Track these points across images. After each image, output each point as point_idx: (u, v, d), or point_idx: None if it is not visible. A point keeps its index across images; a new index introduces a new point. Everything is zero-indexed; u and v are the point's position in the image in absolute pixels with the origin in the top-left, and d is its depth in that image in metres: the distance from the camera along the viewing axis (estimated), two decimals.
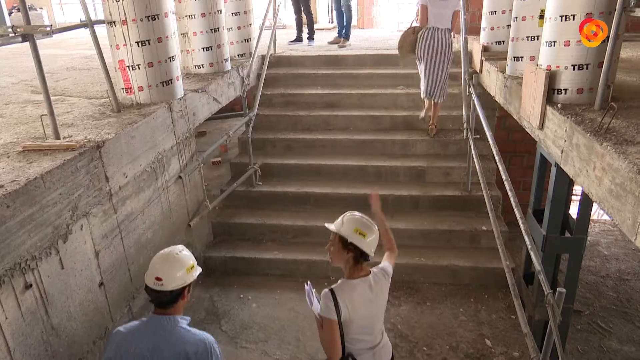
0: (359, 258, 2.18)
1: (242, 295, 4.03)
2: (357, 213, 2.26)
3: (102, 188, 2.70)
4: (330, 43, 6.76)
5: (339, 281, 2.23)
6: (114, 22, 3.24)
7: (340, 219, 2.23)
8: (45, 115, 2.67)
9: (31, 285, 2.20)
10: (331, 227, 2.23)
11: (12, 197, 2.05)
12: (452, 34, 4.37)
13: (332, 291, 2.15)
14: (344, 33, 6.66)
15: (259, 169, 4.77)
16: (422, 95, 4.64)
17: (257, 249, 4.32)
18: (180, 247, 2.10)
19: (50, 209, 2.28)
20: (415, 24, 4.51)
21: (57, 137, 2.68)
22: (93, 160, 2.60)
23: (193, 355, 1.90)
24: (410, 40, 4.33)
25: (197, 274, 2.06)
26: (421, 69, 4.50)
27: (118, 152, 2.83)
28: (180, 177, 3.73)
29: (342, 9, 6.62)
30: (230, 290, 4.10)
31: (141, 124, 3.09)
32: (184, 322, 1.99)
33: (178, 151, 3.67)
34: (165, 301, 1.96)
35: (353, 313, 2.15)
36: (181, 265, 1.99)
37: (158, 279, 1.94)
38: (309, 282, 2.29)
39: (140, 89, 3.41)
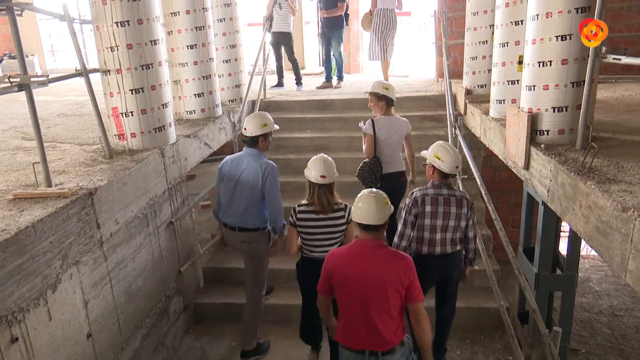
0: (388, 104, 3.93)
1: (233, 344, 3.92)
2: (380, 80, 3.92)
3: (93, 235, 2.67)
4: (318, 88, 6.96)
5: (378, 115, 3.96)
6: (109, 70, 3.32)
7: (372, 86, 3.99)
8: (38, 162, 2.67)
9: (17, 339, 2.12)
10: (368, 90, 4.04)
11: (2, 246, 2.02)
12: (395, 11, 6.38)
13: (372, 119, 3.92)
14: (337, 74, 7.01)
15: None
16: (371, 59, 6.61)
17: None
18: (262, 112, 3.64)
19: (40, 258, 2.24)
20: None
21: (49, 185, 2.67)
22: (85, 207, 2.59)
23: (261, 169, 3.30)
24: (369, 19, 6.42)
25: (266, 131, 3.39)
26: (374, 38, 6.39)
27: (110, 199, 2.82)
28: (171, 222, 3.71)
29: (333, 54, 6.94)
30: (222, 339, 3.99)
31: (133, 170, 3.10)
32: (261, 154, 3.40)
33: (169, 196, 3.66)
34: (248, 142, 3.39)
35: (382, 134, 3.89)
36: (257, 122, 3.37)
37: (245, 129, 3.38)
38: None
39: (133, 135, 3.45)
